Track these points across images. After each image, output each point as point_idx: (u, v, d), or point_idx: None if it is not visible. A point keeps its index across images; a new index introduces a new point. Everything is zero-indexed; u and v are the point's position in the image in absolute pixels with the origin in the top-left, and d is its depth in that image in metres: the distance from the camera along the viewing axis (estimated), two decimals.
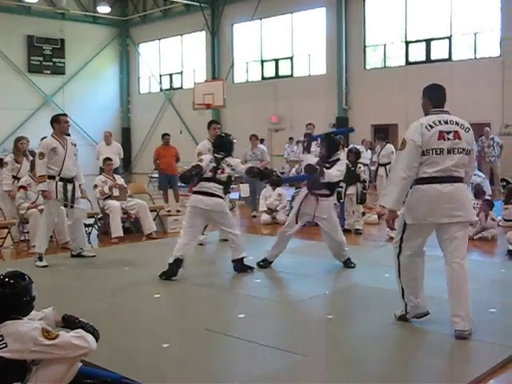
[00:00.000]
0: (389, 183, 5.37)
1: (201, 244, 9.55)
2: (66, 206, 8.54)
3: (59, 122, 8.48)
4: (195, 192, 7.66)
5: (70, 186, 8.42)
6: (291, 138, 21.91)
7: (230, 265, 8.43)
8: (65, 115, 8.74)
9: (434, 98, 5.36)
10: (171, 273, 7.32)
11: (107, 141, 15.37)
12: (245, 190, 11.92)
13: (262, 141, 23.29)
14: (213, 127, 10.07)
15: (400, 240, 5.38)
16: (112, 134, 16.07)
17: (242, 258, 7.78)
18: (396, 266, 5.45)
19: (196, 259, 8.77)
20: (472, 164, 5.40)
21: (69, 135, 8.82)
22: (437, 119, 5.18)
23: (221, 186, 7.58)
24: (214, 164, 7.65)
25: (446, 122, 5.17)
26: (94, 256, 8.78)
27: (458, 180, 5.16)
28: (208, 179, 7.58)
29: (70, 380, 3.71)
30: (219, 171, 7.60)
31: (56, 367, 3.63)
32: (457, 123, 5.24)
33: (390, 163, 15.00)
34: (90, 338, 3.74)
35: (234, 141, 8.04)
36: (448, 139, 5.10)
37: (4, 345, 3.52)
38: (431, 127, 5.10)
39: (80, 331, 3.75)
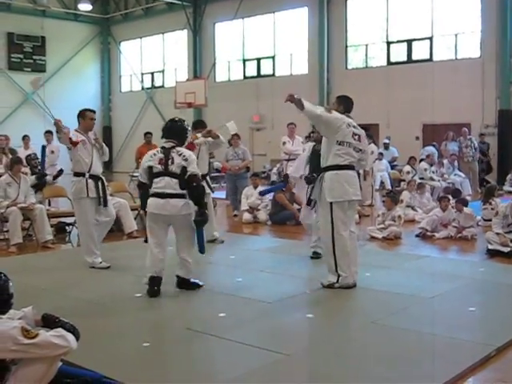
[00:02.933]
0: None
1: None
2: (99, 204, 7.95)
3: (84, 118, 7.91)
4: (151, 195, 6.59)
5: (100, 183, 7.92)
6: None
7: (212, 264, 8.43)
8: (92, 111, 8.00)
9: (348, 105, 6.98)
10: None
11: None
12: (232, 127, 10.90)
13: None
14: (198, 130, 9.50)
15: (332, 221, 6.56)
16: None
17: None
18: (331, 243, 6.58)
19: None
20: (367, 158, 7.26)
21: None
22: (352, 122, 6.76)
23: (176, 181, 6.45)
24: (161, 155, 6.53)
25: (354, 127, 6.76)
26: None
27: (354, 168, 6.76)
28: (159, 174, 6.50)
29: (50, 379, 3.68)
30: (169, 162, 6.46)
31: (36, 367, 3.60)
32: (359, 129, 6.82)
33: None
34: (70, 337, 3.71)
35: (189, 128, 7.12)
36: (355, 140, 6.70)
37: None
38: (349, 126, 6.68)
39: (60, 330, 3.72)
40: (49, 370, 3.65)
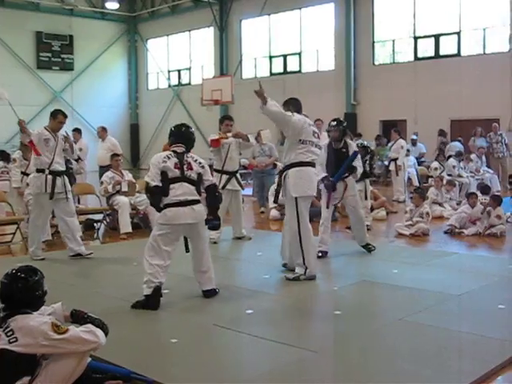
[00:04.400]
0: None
1: (215, 242, 9.45)
2: (51, 198, 8.22)
3: (55, 118, 8.30)
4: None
5: (59, 180, 8.24)
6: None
7: (239, 261, 8.43)
8: (64, 115, 8.38)
9: (297, 106, 7.18)
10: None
11: (101, 136, 14.18)
12: (266, 136, 11.00)
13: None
14: (225, 123, 9.75)
15: (297, 215, 6.83)
16: (107, 128, 14.54)
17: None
18: (297, 236, 6.84)
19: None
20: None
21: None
22: (309, 122, 7.09)
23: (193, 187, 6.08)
24: (175, 159, 6.07)
25: (311, 125, 7.11)
26: (91, 253, 8.46)
27: (315, 165, 7.15)
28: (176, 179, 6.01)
29: (80, 374, 3.73)
30: (185, 167, 6.06)
31: (65, 362, 3.65)
32: (315, 127, 7.28)
33: (397, 159, 15.00)
34: (100, 332, 3.76)
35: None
36: (315, 137, 7.06)
37: (14, 339, 3.55)
38: (310, 125, 7.03)
39: (89, 326, 3.77)
40: (78, 365, 3.70)
